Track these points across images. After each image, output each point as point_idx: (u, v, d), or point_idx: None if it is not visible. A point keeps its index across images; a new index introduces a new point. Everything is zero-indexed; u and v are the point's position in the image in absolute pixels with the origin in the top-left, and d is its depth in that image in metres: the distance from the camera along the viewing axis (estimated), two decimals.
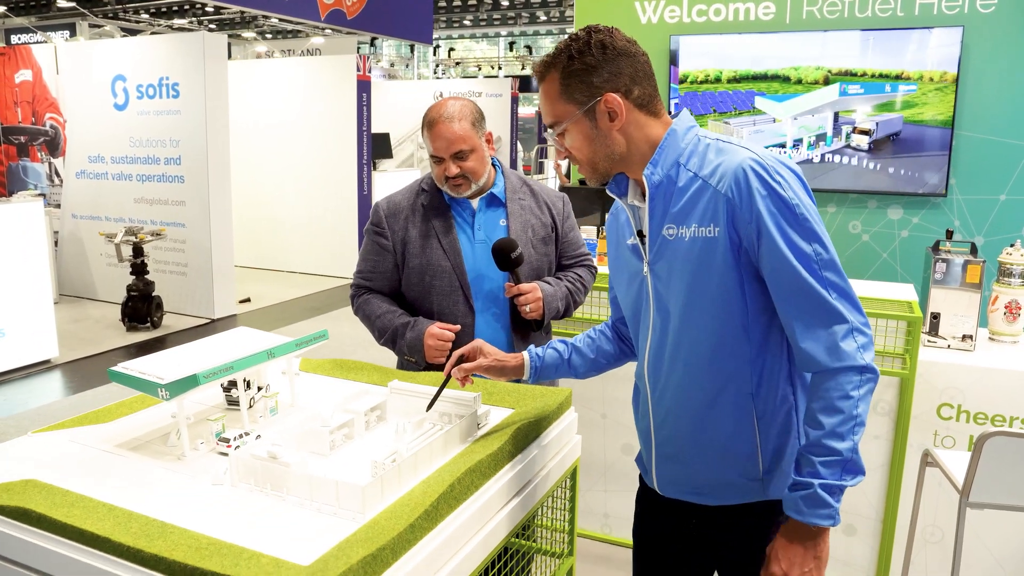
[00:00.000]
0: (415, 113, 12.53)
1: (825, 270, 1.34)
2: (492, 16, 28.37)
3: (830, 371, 1.34)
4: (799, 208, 1.34)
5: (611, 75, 1.41)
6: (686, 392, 1.49)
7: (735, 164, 1.36)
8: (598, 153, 1.45)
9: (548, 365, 1.77)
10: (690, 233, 1.41)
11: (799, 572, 1.37)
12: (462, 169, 2.11)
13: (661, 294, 1.48)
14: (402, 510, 1.33)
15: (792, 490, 1.37)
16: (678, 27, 4.49)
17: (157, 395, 1.54)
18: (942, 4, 3.97)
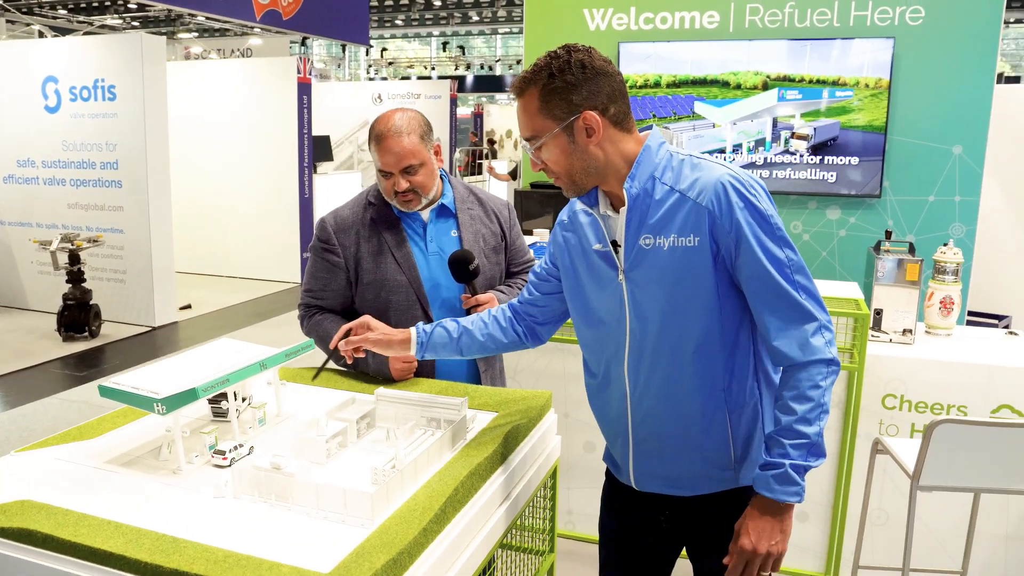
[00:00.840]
0: (353, 114, 12.45)
1: (796, 274, 1.47)
2: (424, 16, 28.28)
3: (801, 364, 1.47)
4: (773, 219, 1.47)
5: (590, 93, 1.47)
6: (666, 392, 1.58)
7: (714, 179, 1.47)
8: (575, 166, 1.52)
9: (436, 343, 1.82)
10: (669, 243, 1.50)
11: (767, 544, 1.48)
12: (412, 184, 2.08)
13: (639, 300, 1.56)
14: (411, 515, 1.38)
15: (763, 469, 1.49)
16: (625, 34, 4.60)
17: (153, 410, 1.54)
18: (874, 16, 4.18)
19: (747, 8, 4.39)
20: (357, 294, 2.21)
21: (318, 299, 2.26)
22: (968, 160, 4.15)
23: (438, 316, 2.16)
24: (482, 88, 29.03)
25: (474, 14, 26.59)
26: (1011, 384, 2.83)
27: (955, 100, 4.10)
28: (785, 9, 4.33)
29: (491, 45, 32.70)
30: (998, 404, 2.84)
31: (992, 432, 2.11)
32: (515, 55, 28.49)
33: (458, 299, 2.18)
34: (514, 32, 31.00)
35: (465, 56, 30.23)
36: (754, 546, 1.49)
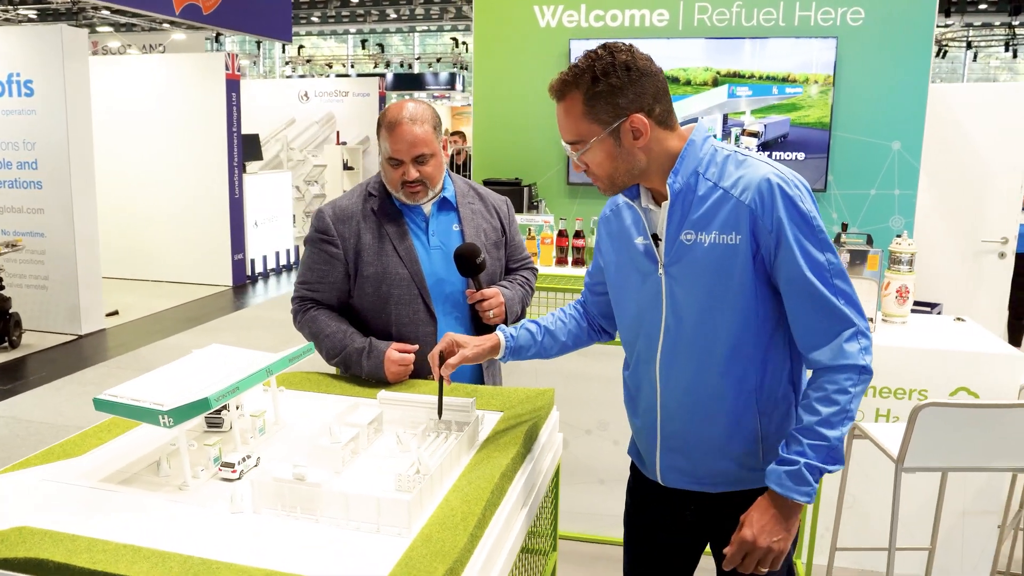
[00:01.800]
0: (278, 112, 12.12)
1: (835, 278, 1.45)
2: (341, 14, 27.82)
3: (833, 368, 1.45)
4: (815, 221, 1.45)
5: (636, 96, 1.45)
6: (698, 389, 1.57)
7: (758, 178, 1.45)
8: (619, 169, 1.50)
9: (521, 346, 1.80)
10: (710, 239, 1.48)
11: (768, 539, 1.46)
12: (421, 174, 2.05)
13: (676, 295, 1.55)
14: (451, 521, 1.33)
15: (778, 464, 1.47)
16: (576, 31, 4.61)
17: (158, 423, 1.45)
18: (818, 16, 4.32)
19: (696, 7, 4.46)
20: (356, 287, 2.14)
21: (313, 291, 2.18)
22: (906, 155, 4.32)
23: (440, 311, 2.11)
24: (402, 86, 28.73)
25: (392, 12, 26.27)
26: (965, 368, 2.96)
27: (894, 98, 4.27)
28: (733, 8, 4.42)
29: (409, 44, 32.38)
30: (955, 387, 2.96)
31: (970, 414, 2.20)
32: (433, 53, 28.23)
33: (461, 293, 2.14)
34: (431, 31, 30.72)
35: (384, 54, 29.84)
36: (755, 538, 1.47)
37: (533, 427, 1.79)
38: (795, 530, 1.50)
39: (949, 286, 5.04)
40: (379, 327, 2.14)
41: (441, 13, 25.18)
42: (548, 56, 4.67)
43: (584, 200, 4.75)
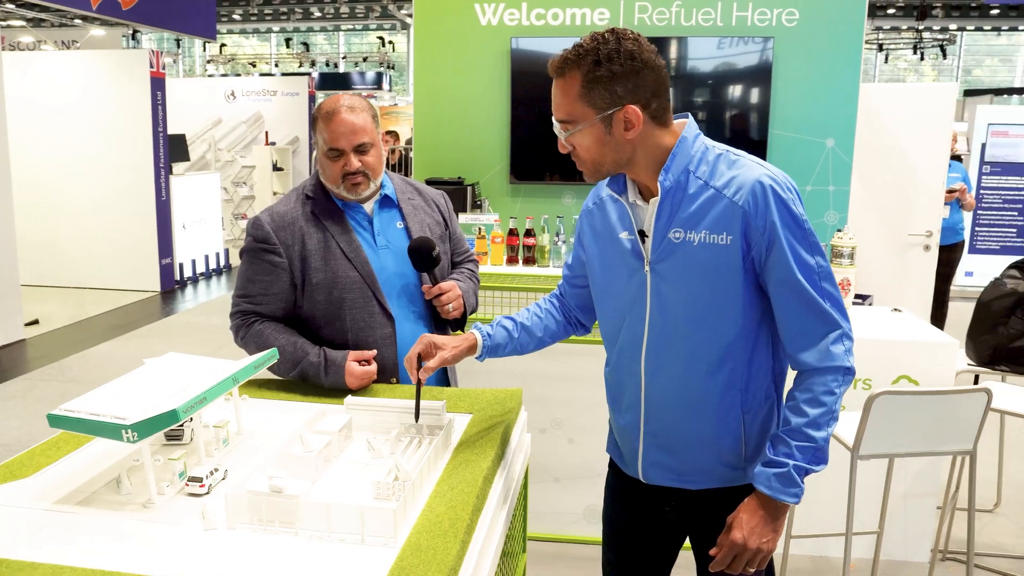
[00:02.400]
0: (203, 111, 11.74)
1: (823, 281, 1.46)
2: (263, 11, 27.21)
3: (820, 369, 1.47)
4: (806, 224, 1.46)
5: (635, 86, 1.42)
6: (683, 387, 1.56)
7: (752, 179, 1.44)
8: (606, 157, 1.48)
9: (498, 344, 1.77)
10: (699, 239, 1.47)
11: (757, 541, 1.48)
12: (363, 164, 1.98)
13: (663, 292, 1.53)
14: (439, 528, 1.30)
15: (766, 466, 1.48)
16: (518, 29, 4.60)
17: (121, 438, 1.37)
18: (754, 16, 4.41)
19: (636, 6, 4.50)
20: (305, 296, 2.04)
21: (256, 304, 2.07)
22: (840, 152, 4.46)
23: (396, 310, 2.05)
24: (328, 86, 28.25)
25: (316, 10, 25.80)
26: (905, 356, 3.07)
27: (827, 97, 4.40)
28: (672, 8, 4.48)
29: (334, 43, 31.90)
30: (897, 375, 3.07)
31: (920, 400, 2.28)
32: (359, 53, 27.84)
33: (416, 290, 2.09)
34: (357, 30, 30.32)
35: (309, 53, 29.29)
36: (745, 540, 1.48)
37: (506, 429, 1.77)
38: (782, 530, 1.51)
39: (878, 278, 5.23)
40: (334, 334, 2.06)
41: (367, 12, 24.88)
42: (490, 54, 4.65)
43: (528, 199, 4.75)
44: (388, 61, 25.99)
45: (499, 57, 4.64)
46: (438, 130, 4.76)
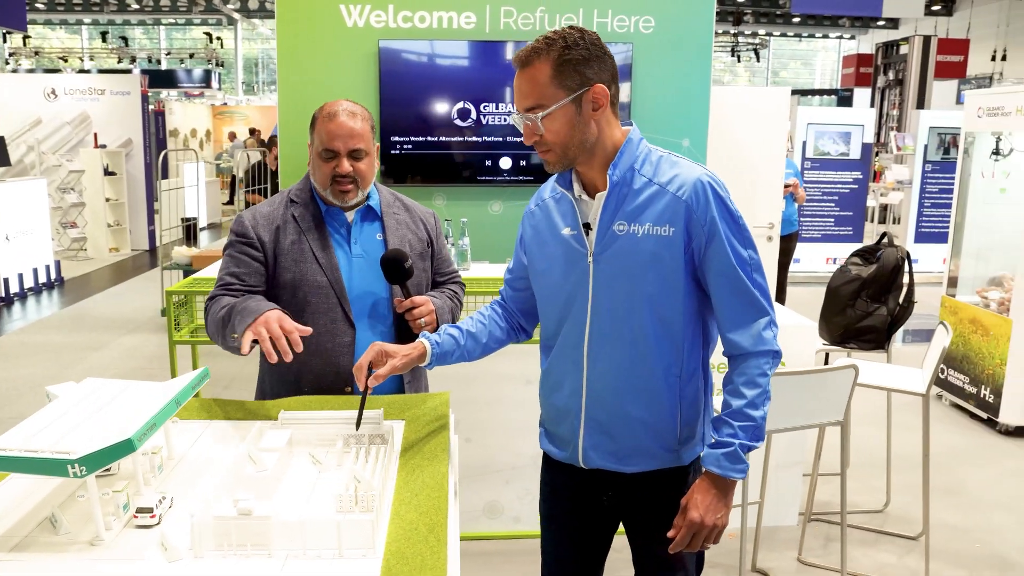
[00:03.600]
0: (16, 111, 10.66)
1: (754, 272, 1.60)
2: (73, 1, 25.16)
3: (753, 354, 1.60)
4: (741, 220, 1.60)
5: (600, 69, 1.55)
6: (624, 372, 1.65)
7: (694, 177, 1.58)
8: (574, 139, 1.57)
9: (446, 351, 1.81)
10: (644, 230, 1.58)
11: (712, 517, 1.60)
12: (355, 170, 1.98)
13: (605, 282, 1.62)
14: (417, 534, 1.32)
15: (713, 448, 1.60)
16: (385, 32, 4.58)
17: (66, 473, 1.28)
18: (614, 23, 4.64)
19: (502, 10, 4.61)
20: (271, 294, 2.03)
21: (229, 289, 2.02)
22: (695, 152, 4.78)
23: (360, 321, 2.03)
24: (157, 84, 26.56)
25: (133, 2, 24.17)
26: None
27: (682, 99, 4.70)
28: (536, 13, 4.62)
29: (154, 37, 30.00)
30: None
31: (802, 379, 2.53)
32: (182, 48, 26.37)
33: (384, 302, 2.06)
34: (179, 24, 28.71)
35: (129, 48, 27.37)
36: (702, 518, 1.59)
37: (445, 433, 1.80)
38: (731, 504, 1.63)
39: None
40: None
41: (190, 5, 23.58)
42: (357, 56, 4.59)
43: None
44: (216, 58, 24.79)
45: (367, 59, 4.60)
46: (305, 135, 4.64)
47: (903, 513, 3.60)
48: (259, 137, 17.54)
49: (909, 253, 3.46)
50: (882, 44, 15.76)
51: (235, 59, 29.70)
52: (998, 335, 4.49)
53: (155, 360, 5.80)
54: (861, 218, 9.07)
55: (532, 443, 3.24)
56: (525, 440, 3.27)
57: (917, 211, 9.11)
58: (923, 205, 9.04)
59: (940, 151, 8.92)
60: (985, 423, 4.70)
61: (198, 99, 22.87)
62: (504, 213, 4.97)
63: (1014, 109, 4.45)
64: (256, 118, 20.06)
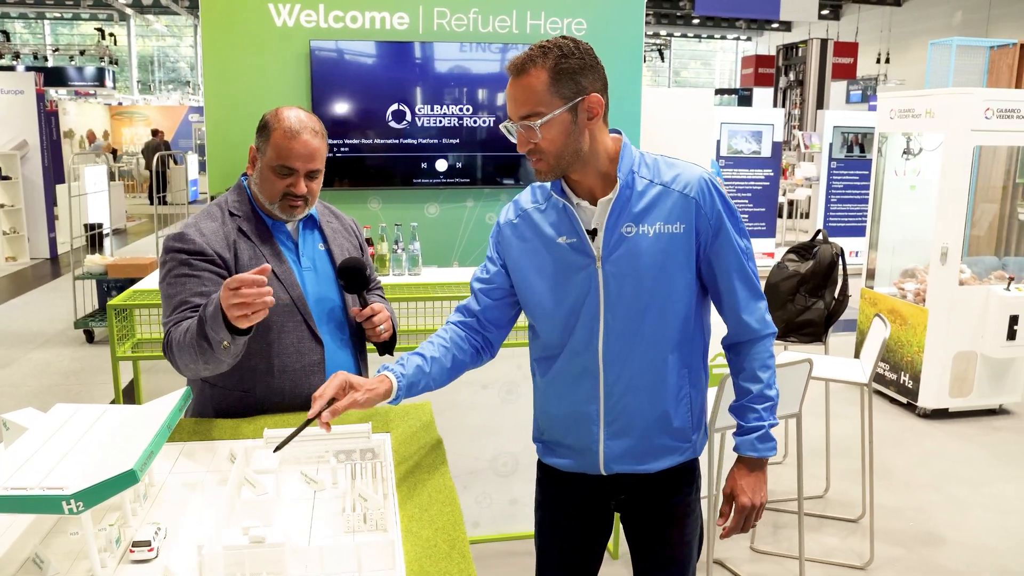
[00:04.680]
0: None
1: (750, 260, 1.67)
2: None
3: (762, 338, 1.69)
4: (738, 212, 1.68)
5: (594, 79, 1.57)
6: (644, 370, 1.65)
7: (697, 175, 1.63)
8: (569, 147, 1.56)
9: (412, 382, 1.67)
10: (654, 230, 1.60)
11: (759, 497, 1.69)
12: (308, 190, 1.89)
13: (615, 285, 1.62)
14: (439, 551, 1.30)
15: (745, 434, 1.68)
16: (316, 32, 4.46)
17: (60, 511, 1.19)
18: (547, 25, 4.66)
19: (435, 11, 4.56)
20: None
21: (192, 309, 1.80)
22: None
23: (326, 334, 1.94)
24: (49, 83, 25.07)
25: None
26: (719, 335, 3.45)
27: (615, 99, 4.75)
28: (470, 14, 4.60)
29: (37, 32, 28.39)
30: (713, 355, 3.44)
31: None
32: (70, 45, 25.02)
33: (341, 313, 1.99)
34: (65, 18, 27.29)
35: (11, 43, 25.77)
36: (751, 500, 1.67)
37: (438, 443, 1.77)
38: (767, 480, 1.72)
39: None
40: (257, 358, 1.88)
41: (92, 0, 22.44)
42: (288, 57, 4.46)
43: (336, 205, 4.63)
44: (109, 55, 23.66)
45: (297, 60, 4.47)
46: (234, 137, 4.48)
47: (843, 498, 3.76)
48: (162, 139, 16.85)
49: (843, 249, 3.62)
50: (783, 46, 16.43)
51: (129, 57, 28.39)
52: (915, 324, 4.75)
53: (72, 376, 5.47)
54: (774, 214, 9.44)
55: (488, 447, 3.26)
56: (482, 444, 3.26)
57: (825, 207, 9.54)
58: (830, 201, 9.48)
59: (844, 149, 9.37)
60: (905, 407, 4.98)
61: (92, 98, 21.74)
62: (441, 216, 4.94)
63: (924, 111, 4.72)
64: (158, 119, 19.23)
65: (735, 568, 3.16)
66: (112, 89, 23.15)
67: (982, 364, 4.74)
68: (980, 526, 3.55)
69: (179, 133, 19.18)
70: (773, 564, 3.20)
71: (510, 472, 3.28)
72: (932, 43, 6.62)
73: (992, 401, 4.87)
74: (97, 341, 6.29)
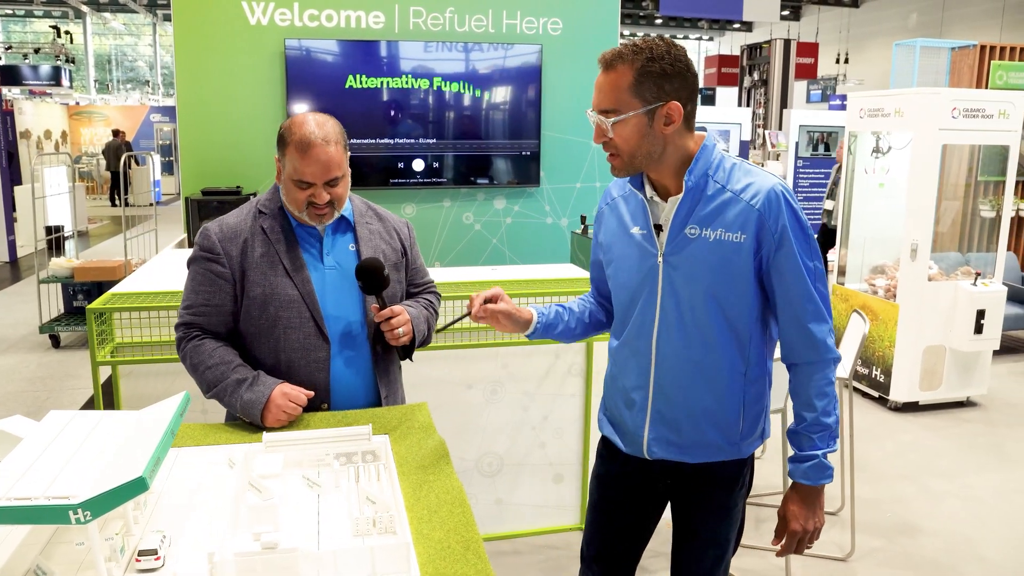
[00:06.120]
0: None
1: (818, 282, 1.64)
2: None
3: (819, 362, 1.66)
4: (809, 230, 1.64)
5: (680, 86, 1.57)
6: (693, 367, 1.69)
7: (768, 186, 1.61)
8: (642, 149, 1.59)
9: (551, 323, 1.85)
10: (715, 235, 1.62)
11: (813, 524, 1.70)
12: (332, 196, 1.89)
13: (675, 282, 1.66)
14: (453, 552, 1.29)
15: (799, 462, 1.68)
16: (290, 31, 4.42)
17: (67, 520, 1.17)
18: (523, 25, 4.67)
19: (411, 10, 4.54)
20: (242, 309, 1.93)
21: (198, 316, 1.95)
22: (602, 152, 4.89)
23: (335, 336, 1.94)
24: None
25: None
26: None
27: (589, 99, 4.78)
28: (446, 13, 4.59)
29: None
30: None
31: None
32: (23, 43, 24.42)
33: (358, 314, 1.98)
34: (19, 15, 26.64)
35: None
36: (803, 527, 1.69)
37: (440, 444, 1.76)
38: (823, 505, 1.72)
39: None
40: (265, 354, 1.95)
41: None
42: (262, 55, 4.41)
43: None
44: (66, 54, 23.16)
45: (272, 58, 4.42)
46: (207, 137, 4.42)
47: None
48: (123, 139, 16.52)
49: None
50: (746, 46, 16.64)
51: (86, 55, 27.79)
52: (886, 319, 4.85)
53: (39, 382, 5.33)
54: None
55: (473, 447, 3.25)
56: (466, 444, 3.25)
57: None
58: None
59: (810, 148, 9.53)
60: (877, 401, 5.07)
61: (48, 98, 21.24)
62: (418, 215, 4.92)
63: (893, 110, 4.81)
64: (118, 119, 18.84)
65: None
66: (69, 88, 22.67)
67: (951, 358, 4.85)
68: (955, 516, 3.63)
69: (140, 133, 18.83)
70: (757, 558, 3.24)
71: (495, 472, 3.27)
72: (897, 44, 6.76)
73: (960, 394, 4.99)
74: (64, 346, 6.15)
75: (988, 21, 18.64)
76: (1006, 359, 6.06)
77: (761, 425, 1.78)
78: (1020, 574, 3.17)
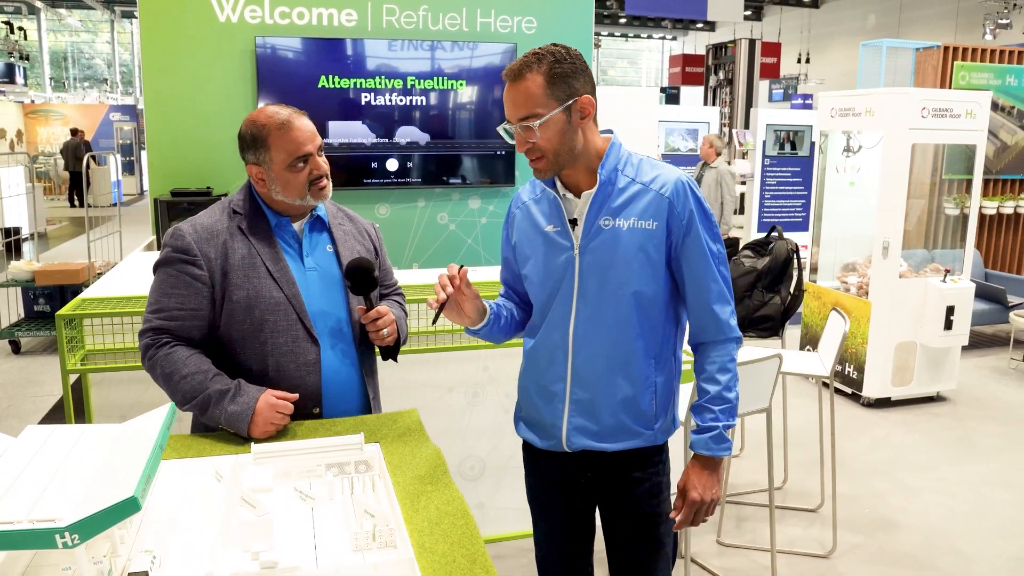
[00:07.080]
0: None
1: (721, 265, 1.76)
2: None
3: (721, 341, 1.77)
4: (712, 217, 1.77)
5: (584, 81, 1.69)
6: (611, 353, 1.76)
7: (674, 177, 1.74)
8: (564, 145, 1.69)
9: (498, 315, 1.88)
10: (628, 224, 1.72)
11: (709, 494, 1.77)
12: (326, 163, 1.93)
13: (590, 273, 1.74)
14: (458, 566, 1.25)
15: (701, 433, 1.76)
16: (261, 28, 4.33)
17: (54, 544, 1.10)
18: (497, 23, 4.63)
19: (384, 8, 4.48)
20: (223, 315, 1.85)
21: (169, 320, 1.85)
22: None
23: (323, 336, 1.90)
24: None
25: None
26: None
27: None
28: (419, 12, 4.53)
29: None
30: None
31: None
32: None
33: (343, 314, 1.94)
34: None
35: None
36: (701, 496, 1.76)
37: (435, 453, 1.72)
38: (722, 479, 1.80)
39: None
40: (252, 359, 1.88)
41: None
42: (232, 53, 4.31)
43: None
44: (20, 50, 22.58)
45: (242, 57, 4.33)
46: (176, 137, 4.32)
47: (800, 488, 3.85)
48: (82, 138, 16.13)
49: (798, 245, 3.70)
50: (712, 46, 16.79)
51: (40, 52, 27.12)
52: (859, 316, 4.90)
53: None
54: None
55: (455, 451, 3.20)
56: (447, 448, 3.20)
57: (759, 203, 9.78)
58: (764, 196, 9.71)
59: (777, 146, 9.62)
60: (850, 397, 5.13)
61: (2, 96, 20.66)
62: (391, 216, 4.86)
63: (863, 110, 4.87)
64: (76, 118, 18.38)
65: (704, 563, 3.19)
66: (24, 86, 22.09)
67: (921, 354, 4.92)
68: (931, 510, 3.68)
69: (100, 133, 18.39)
70: (740, 556, 3.24)
71: (477, 476, 3.24)
72: (864, 44, 6.85)
73: (930, 389, 5.07)
74: (24, 351, 5.97)
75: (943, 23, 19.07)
76: (973, 354, 6.18)
77: (671, 412, 1.85)
78: (993, 565, 3.22)
